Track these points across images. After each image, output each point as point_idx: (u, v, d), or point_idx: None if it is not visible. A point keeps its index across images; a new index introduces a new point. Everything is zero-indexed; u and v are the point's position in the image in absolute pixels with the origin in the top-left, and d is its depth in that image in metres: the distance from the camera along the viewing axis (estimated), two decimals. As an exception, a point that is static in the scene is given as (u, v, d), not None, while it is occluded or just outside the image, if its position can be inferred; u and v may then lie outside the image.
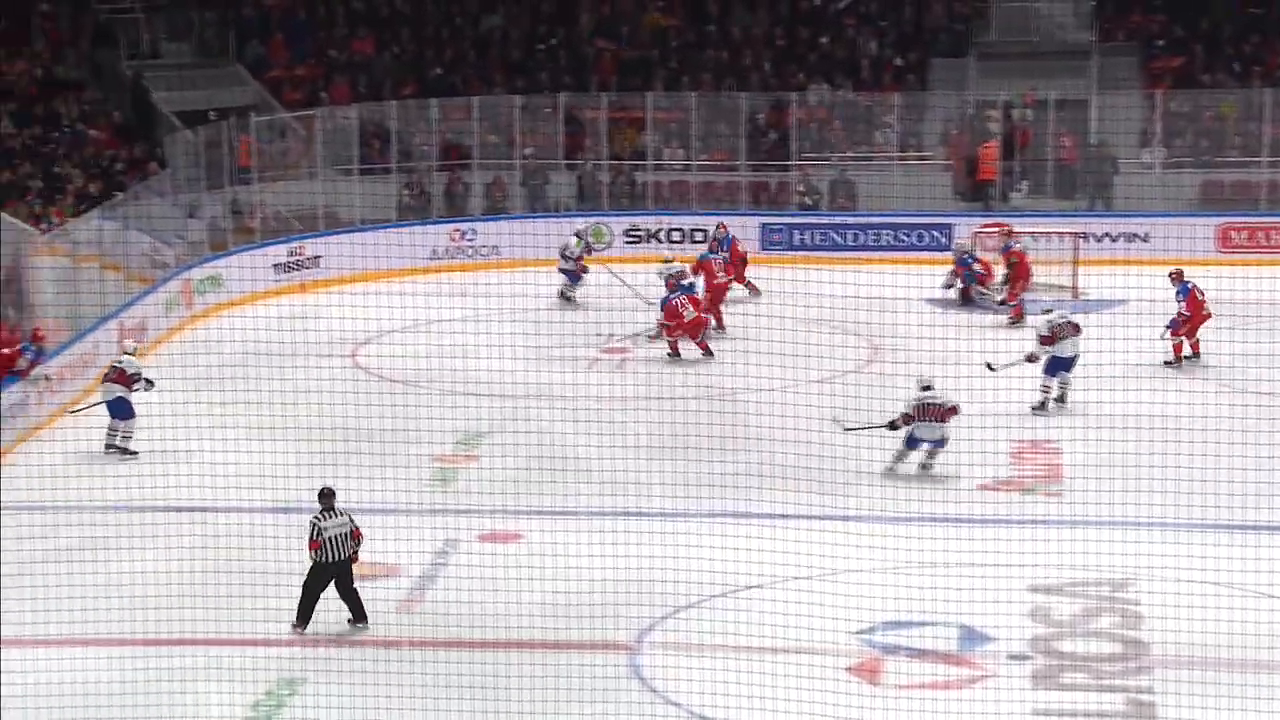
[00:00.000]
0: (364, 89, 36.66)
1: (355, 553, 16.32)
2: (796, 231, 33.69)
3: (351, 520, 16.33)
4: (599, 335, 27.01)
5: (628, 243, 33.68)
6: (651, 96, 35.68)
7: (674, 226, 33.62)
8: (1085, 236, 31.05)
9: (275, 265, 30.74)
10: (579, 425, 22.34)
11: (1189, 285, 25.05)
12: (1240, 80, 35.62)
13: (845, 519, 18.53)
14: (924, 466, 20.53)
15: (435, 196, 34.06)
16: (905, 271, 27.55)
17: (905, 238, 33.32)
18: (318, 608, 16.18)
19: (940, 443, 20.42)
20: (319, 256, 31.17)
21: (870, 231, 33.38)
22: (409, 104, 34.75)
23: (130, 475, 19.78)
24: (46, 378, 22.69)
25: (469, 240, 33.10)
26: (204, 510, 19.05)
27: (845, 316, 26.69)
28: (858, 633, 15.94)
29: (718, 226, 30.12)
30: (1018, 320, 28.04)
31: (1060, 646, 15.94)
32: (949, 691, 14.86)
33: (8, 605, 16.27)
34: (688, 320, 25.98)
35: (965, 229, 31.80)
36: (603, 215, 33.88)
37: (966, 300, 29.44)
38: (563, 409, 23.23)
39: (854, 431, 20.28)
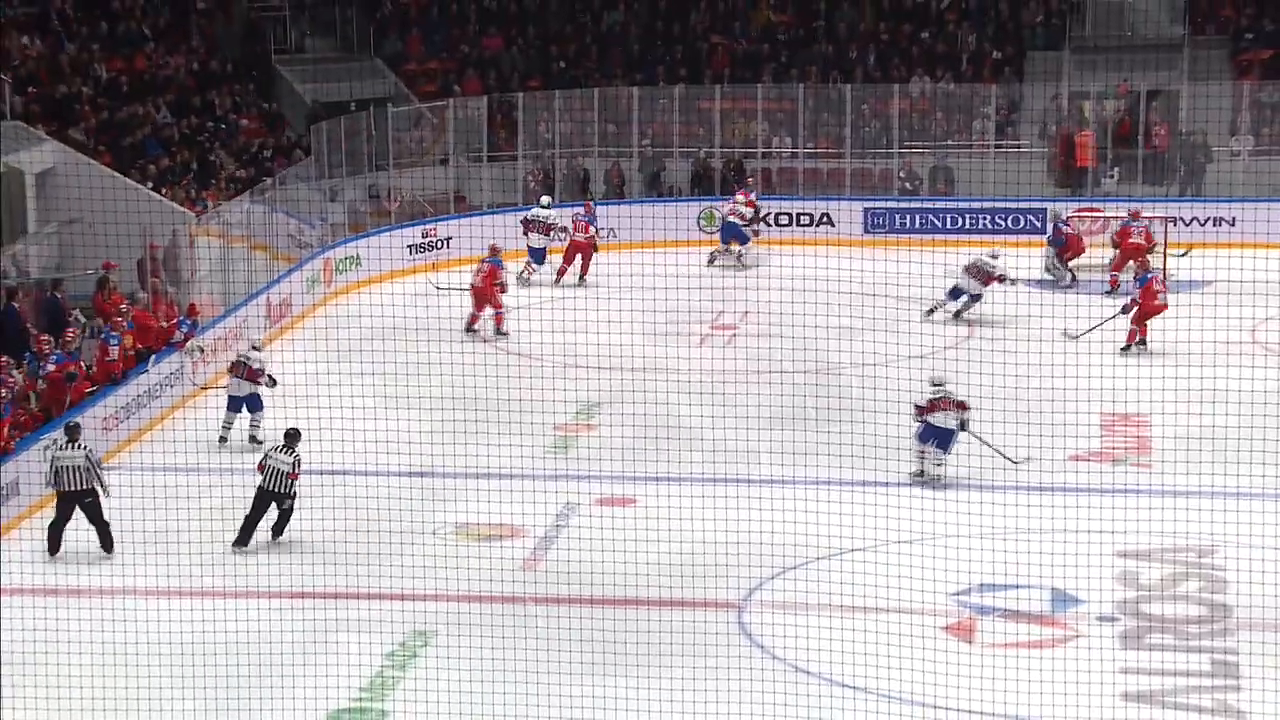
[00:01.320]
0: (493, 82, 36.77)
1: (291, 493, 17.45)
2: (898, 216, 33.43)
3: (296, 464, 17.41)
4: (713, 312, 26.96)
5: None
6: (762, 88, 35.54)
7: (782, 210, 33.48)
8: (1175, 220, 30.54)
9: (410, 246, 30.90)
10: (690, 397, 22.33)
11: (1149, 276, 24.73)
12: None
13: (940, 487, 18.43)
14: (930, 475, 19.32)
15: (559, 182, 34.11)
16: (1002, 254, 27.26)
17: (1001, 222, 32.96)
18: (445, 566, 16.27)
19: (946, 437, 19.33)
20: (450, 238, 31.31)
21: (968, 216, 33.03)
22: (535, 95, 34.81)
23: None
24: (200, 349, 23.00)
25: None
26: (344, 474, 19.23)
27: (941, 296, 26.51)
28: (954, 594, 15.84)
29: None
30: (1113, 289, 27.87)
31: (1147, 609, 15.74)
32: (1040, 650, 14.73)
33: (168, 561, 16.54)
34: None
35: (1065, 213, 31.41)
36: (716, 200, 33.78)
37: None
38: (675, 381, 23.23)
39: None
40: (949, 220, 33.07)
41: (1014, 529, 17.11)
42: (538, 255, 29.74)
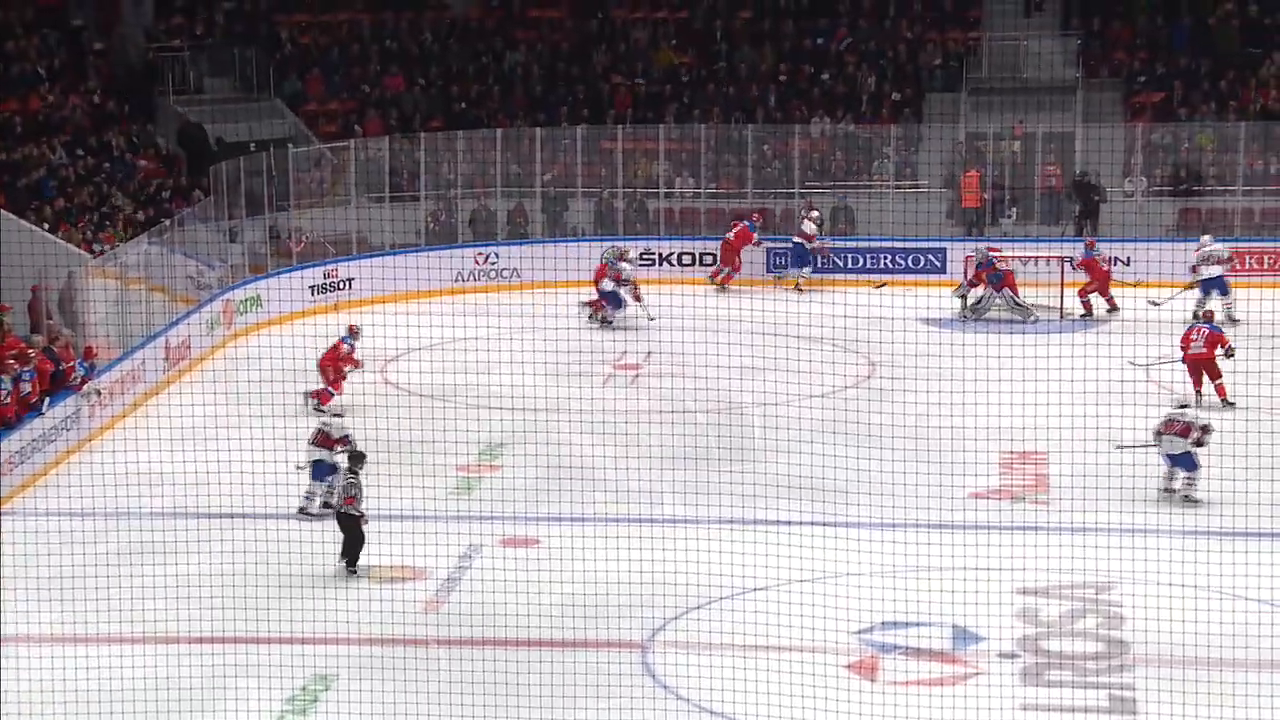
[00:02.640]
0: (395, 122, 36.72)
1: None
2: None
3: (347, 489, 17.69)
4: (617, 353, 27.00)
5: (641, 265, 33.65)
6: (664, 128, 35.73)
7: (685, 250, 33.64)
8: (1069, 260, 30.97)
9: (311, 287, 30.75)
10: (594, 437, 22.33)
11: (1095, 252, 25.89)
12: (1217, 114, 35.58)
13: (844, 525, 18.52)
14: (1185, 497, 19.72)
15: (460, 223, 34.08)
16: (902, 293, 27.53)
17: (901, 261, 33.29)
18: (345, 609, 16.16)
19: (1186, 461, 19.72)
20: (352, 279, 31.19)
21: (869, 255, 33.35)
22: (436, 136, 34.78)
23: (174, 484, 19.79)
24: (98, 392, 22.72)
25: (492, 263, 33.10)
26: (243, 516, 19.05)
27: (845, 334, 26.71)
28: (856, 632, 15.91)
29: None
30: (1113, 310, 29.05)
31: (1046, 645, 15.90)
32: (942, 688, 14.82)
33: (63, 607, 16.28)
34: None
35: (961, 252, 31.79)
36: (618, 239, 33.84)
37: (977, 308, 29.42)
38: (578, 421, 23.23)
39: (1128, 449, 20.13)
40: (850, 260, 33.34)
41: (915, 567, 17.23)
42: (614, 299, 29.57)
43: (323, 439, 19.75)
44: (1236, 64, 36.57)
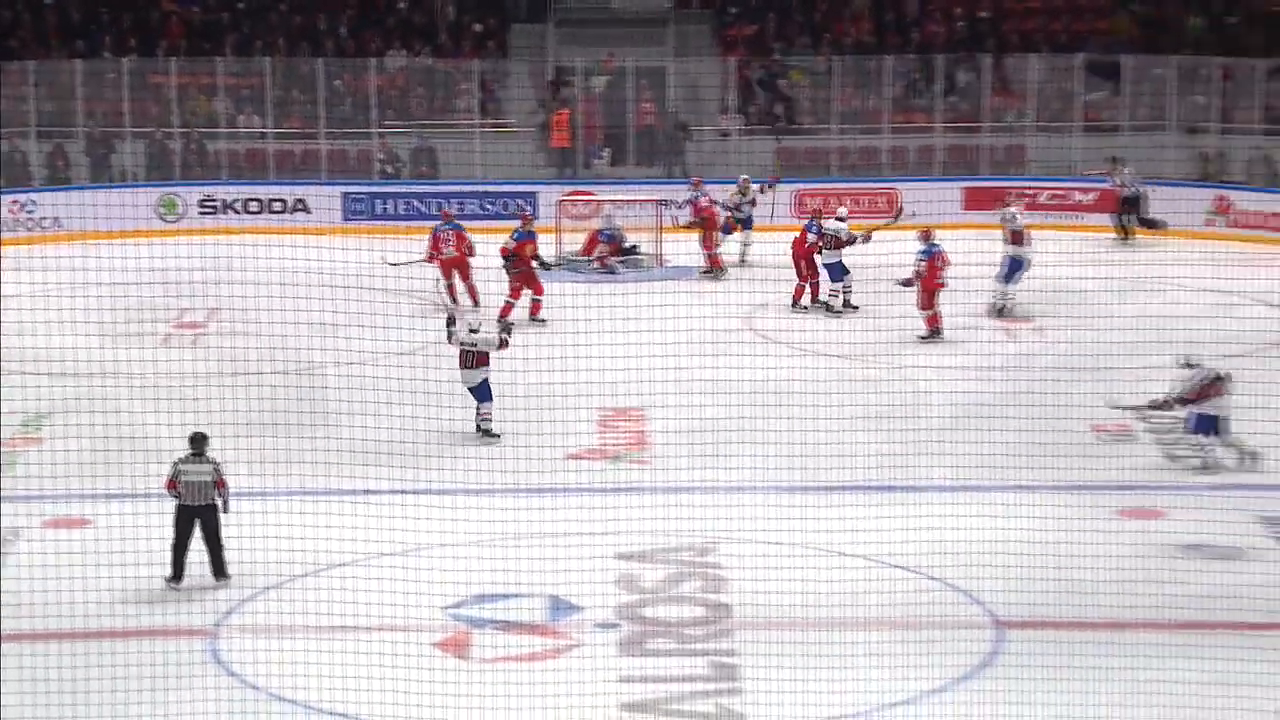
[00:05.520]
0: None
1: (222, 502, 16.59)
2: (379, 201, 33.57)
3: (218, 470, 16.59)
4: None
5: (202, 213, 33.03)
6: (223, 62, 35.02)
7: (251, 196, 33.09)
8: (666, 203, 31.70)
9: None
10: (151, 404, 21.83)
11: (934, 249, 25.01)
12: (813, 48, 36.89)
13: (433, 492, 18.62)
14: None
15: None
16: (492, 240, 27.73)
17: (490, 206, 33.50)
18: None
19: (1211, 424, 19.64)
20: None
21: (454, 200, 33.45)
22: (-40, 68, 33.38)
23: None
24: None
25: (29, 212, 31.94)
26: None
27: (430, 288, 26.77)
28: (446, 608, 16.03)
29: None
30: (718, 271, 28.60)
31: (646, 613, 16.32)
32: (536, 663, 15.07)
33: None
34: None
35: (555, 196, 32.14)
36: (175, 185, 33.12)
37: (605, 268, 29.66)
38: (134, 387, 22.67)
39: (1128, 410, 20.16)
40: (434, 205, 33.39)
41: (510, 535, 17.45)
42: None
43: (472, 359, 20.65)
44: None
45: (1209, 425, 19.76)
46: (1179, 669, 14.60)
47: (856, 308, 26.82)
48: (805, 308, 26.68)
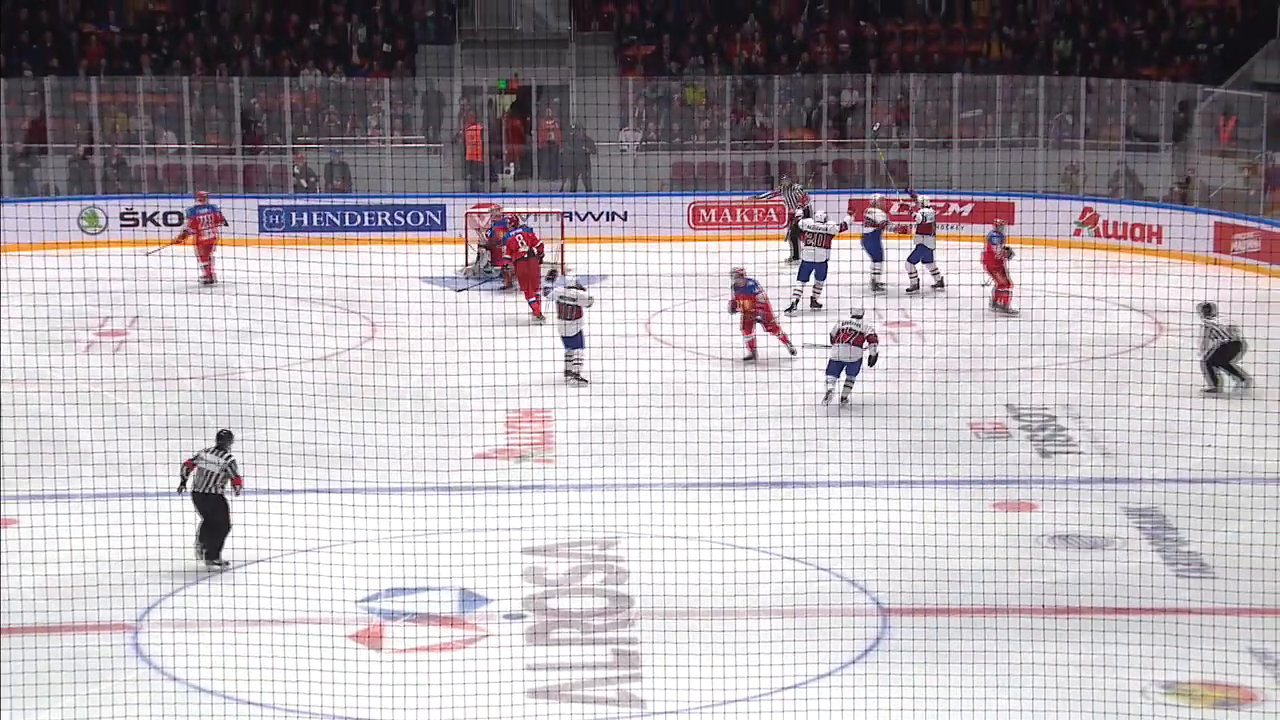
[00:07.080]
0: None
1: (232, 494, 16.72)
2: (294, 213, 33.34)
3: (231, 466, 16.66)
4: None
5: (123, 226, 32.70)
6: (142, 80, 34.70)
7: (171, 210, 32.79)
8: (570, 215, 31.74)
9: None
10: (76, 409, 21.60)
11: (751, 285, 24.03)
12: (705, 69, 37.02)
13: (347, 491, 18.54)
14: (843, 399, 21.82)
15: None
16: (401, 251, 27.66)
17: (400, 219, 33.38)
18: None
19: (855, 367, 21.70)
20: None
21: (366, 213, 33.31)
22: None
23: None
24: None
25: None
26: None
27: (345, 295, 26.65)
28: (360, 601, 15.96)
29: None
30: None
31: (551, 604, 16.32)
32: (447, 652, 15.04)
33: None
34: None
35: (462, 208, 32.04)
36: (97, 199, 32.78)
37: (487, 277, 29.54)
38: (58, 392, 22.42)
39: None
40: (347, 218, 33.23)
41: (420, 531, 17.40)
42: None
43: (571, 311, 22.18)
44: (721, 18, 38.07)
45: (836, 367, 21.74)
46: (1051, 652, 14.80)
47: (820, 305, 27.39)
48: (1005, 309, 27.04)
